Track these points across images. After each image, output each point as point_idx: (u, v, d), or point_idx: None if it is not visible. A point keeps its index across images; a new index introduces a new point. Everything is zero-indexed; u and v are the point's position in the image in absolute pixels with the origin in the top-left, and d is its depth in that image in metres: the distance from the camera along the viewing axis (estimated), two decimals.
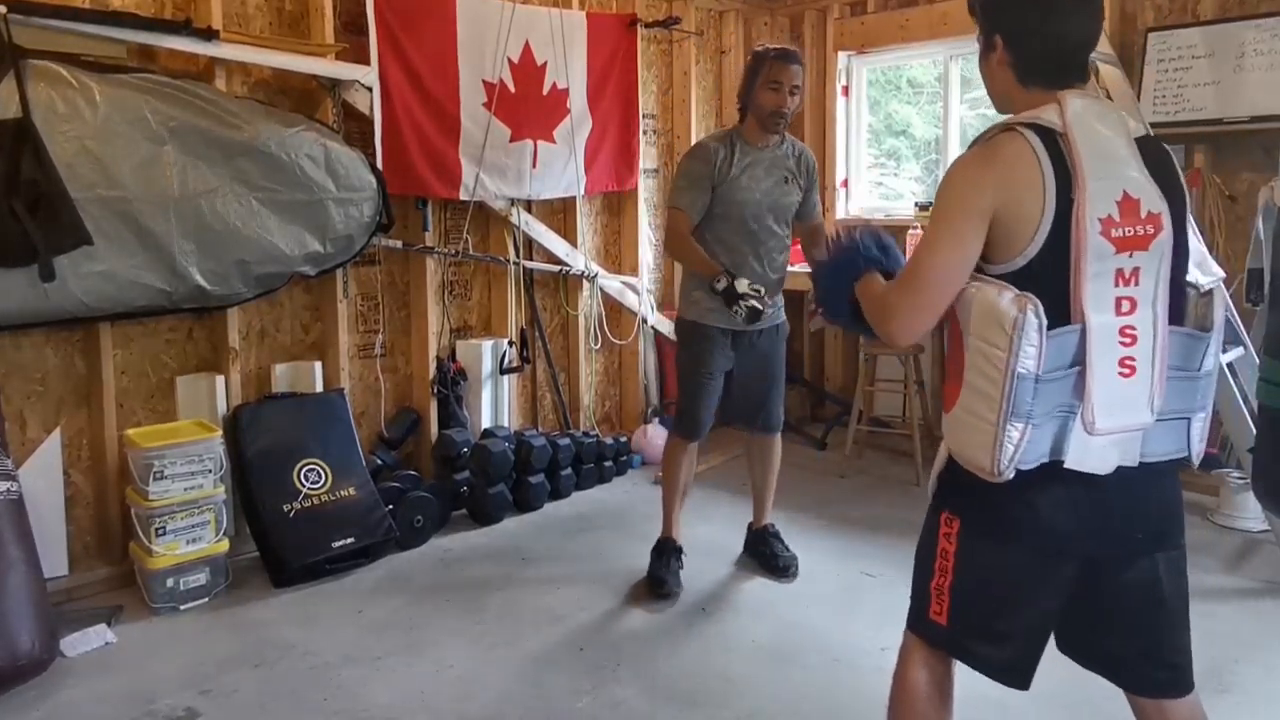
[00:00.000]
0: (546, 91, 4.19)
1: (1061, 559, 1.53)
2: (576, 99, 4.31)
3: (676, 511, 3.34)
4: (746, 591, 3.22)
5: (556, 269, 4.45)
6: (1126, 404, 1.44)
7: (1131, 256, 1.44)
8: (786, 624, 2.96)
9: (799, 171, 3.21)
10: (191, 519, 3.10)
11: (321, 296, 3.71)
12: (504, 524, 3.86)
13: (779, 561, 3.32)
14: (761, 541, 3.40)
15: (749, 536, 3.47)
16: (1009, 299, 1.41)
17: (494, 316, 4.31)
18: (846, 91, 5.32)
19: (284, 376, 3.60)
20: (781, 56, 3.06)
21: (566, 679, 2.64)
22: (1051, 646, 1.65)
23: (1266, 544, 3.53)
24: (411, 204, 3.89)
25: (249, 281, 3.27)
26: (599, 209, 4.76)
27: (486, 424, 4.14)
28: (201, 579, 3.11)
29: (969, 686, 1.75)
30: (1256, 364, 2.99)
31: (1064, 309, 1.43)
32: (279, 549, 3.23)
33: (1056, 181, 1.43)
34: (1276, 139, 3.77)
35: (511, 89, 4.04)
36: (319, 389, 3.65)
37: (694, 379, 3.23)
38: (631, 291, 4.75)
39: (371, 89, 3.56)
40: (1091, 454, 1.46)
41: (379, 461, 3.80)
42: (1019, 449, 1.43)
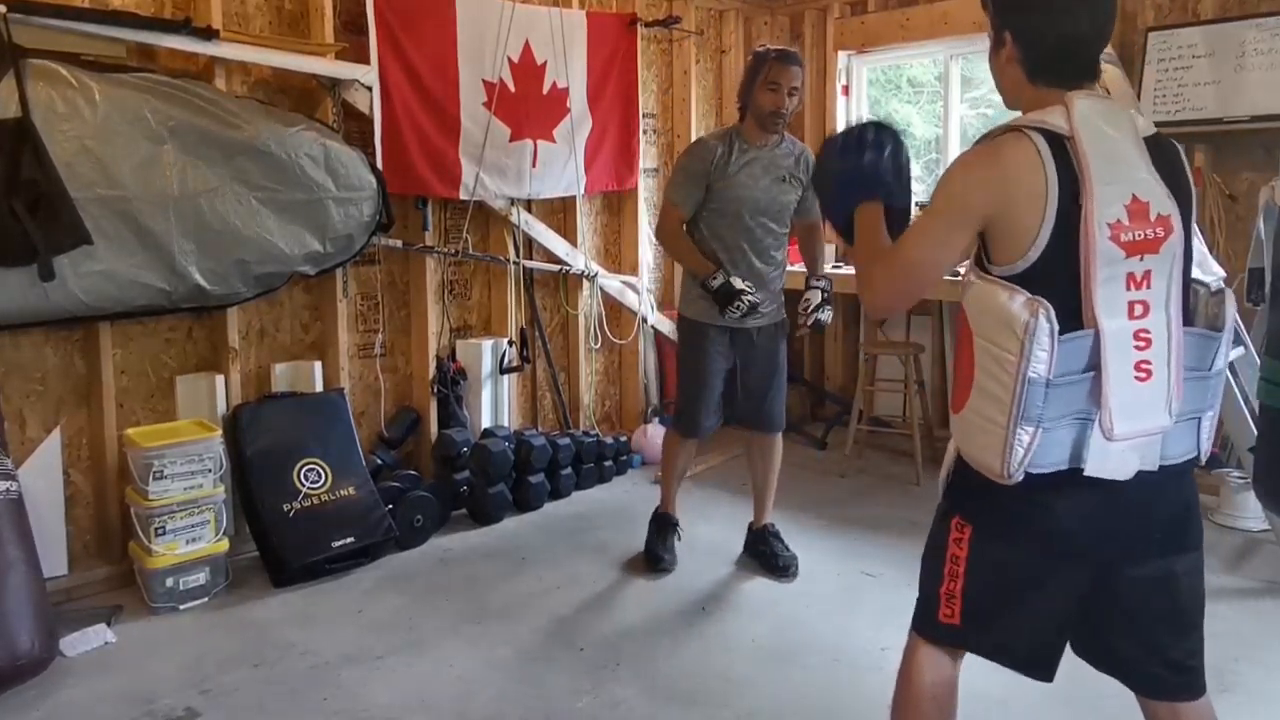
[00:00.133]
0: (546, 91, 4.19)
1: (1076, 560, 1.52)
2: (576, 98, 4.31)
3: (674, 490, 3.48)
4: (746, 591, 3.22)
5: (556, 268, 4.44)
6: (1144, 408, 1.43)
7: (1142, 260, 1.42)
8: (786, 624, 2.96)
9: (798, 170, 3.22)
10: (191, 519, 3.10)
11: (321, 296, 3.71)
12: (504, 524, 3.85)
13: (779, 561, 3.32)
14: (762, 541, 3.40)
15: (749, 536, 3.47)
16: (1020, 303, 1.40)
17: (494, 316, 4.31)
18: (847, 91, 5.31)
19: (284, 376, 3.60)
20: (781, 58, 3.08)
21: (566, 679, 2.64)
22: None
23: (1267, 543, 3.52)
24: (411, 203, 3.88)
25: (249, 281, 3.27)
26: (599, 208, 4.76)
27: (486, 424, 4.14)
28: (201, 579, 3.10)
29: (970, 686, 1.75)
30: (1257, 364, 2.99)
31: (1074, 313, 1.42)
32: (279, 549, 3.22)
33: (1060, 186, 1.41)
34: (1277, 138, 3.77)
35: (511, 88, 4.03)
36: (319, 389, 3.64)
37: (693, 378, 3.26)
38: (631, 291, 4.75)
39: (371, 88, 3.56)
40: (1111, 460, 1.44)
41: (379, 461, 3.80)
42: (1029, 452, 1.42)
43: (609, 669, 2.69)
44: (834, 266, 4.91)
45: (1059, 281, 1.42)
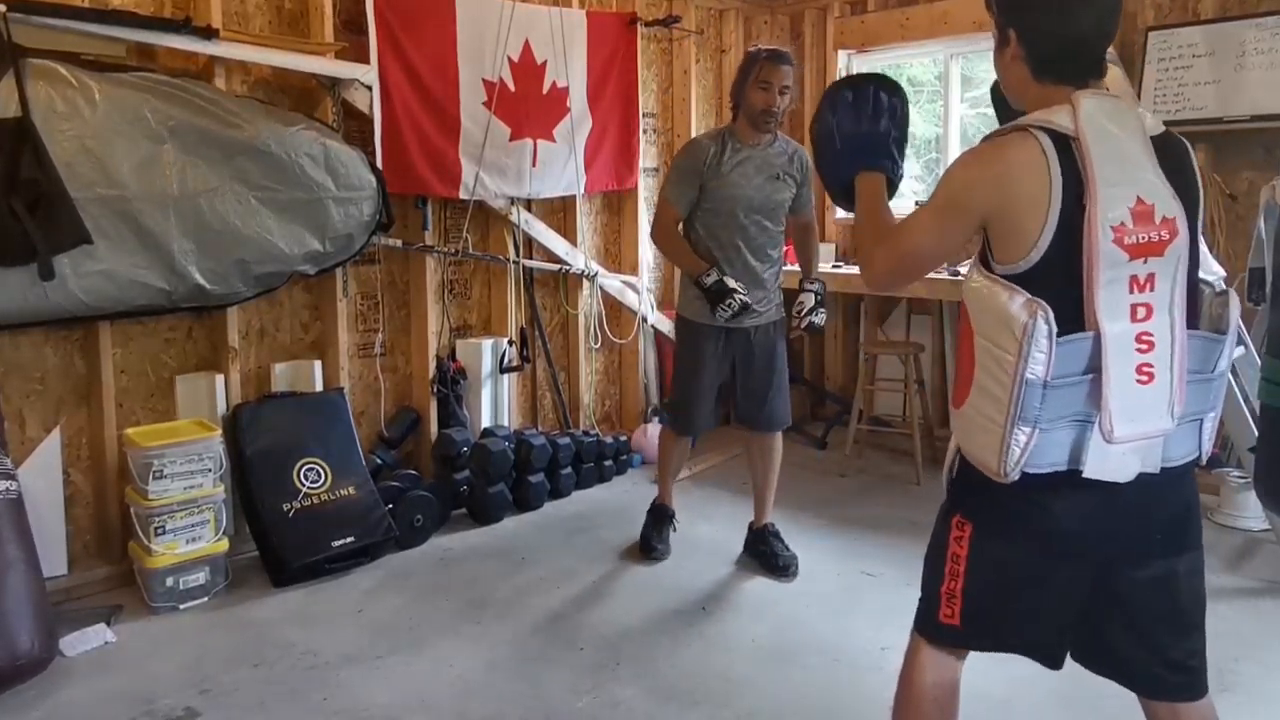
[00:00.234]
0: (546, 90, 4.19)
1: (1076, 560, 1.52)
2: (576, 98, 4.30)
3: (670, 484, 3.56)
4: (747, 591, 3.22)
5: (556, 268, 4.44)
6: (1146, 410, 1.42)
7: (1146, 262, 1.41)
8: (786, 624, 2.96)
9: (791, 168, 3.25)
10: (191, 518, 3.10)
11: (321, 296, 3.71)
12: (504, 523, 3.85)
13: (779, 561, 3.32)
14: (762, 541, 3.40)
15: (749, 536, 3.47)
16: (1019, 304, 1.39)
17: (494, 315, 4.31)
18: None
19: (284, 376, 3.60)
20: (772, 57, 3.12)
21: (566, 679, 2.63)
22: None
23: (1267, 543, 3.53)
24: (411, 203, 3.88)
25: (248, 280, 3.26)
26: (599, 208, 4.76)
27: (486, 423, 4.14)
28: (201, 578, 3.10)
29: (972, 685, 1.74)
30: (1257, 364, 2.99)
31: (1076, 314, 1.41)
32: (279, 548, 3.22)
33: (1064, 187, 1.40)
34: (1277, 138, 3.77)
35: (511, 88, 4.03)
36: (319, 388, 3.64)
37: (688, 377, 3.31)
38: (631, 290, 4.74)
39: (371, 88, 3.56)
40: (1111, 462, 1.44)
41: (379, 461, 3.80)
42: (1025, 452, 1.42)
43: (609, 669, 2.69)
44: (834, 266, 4.92)
45: (1061, 282, 1.41)
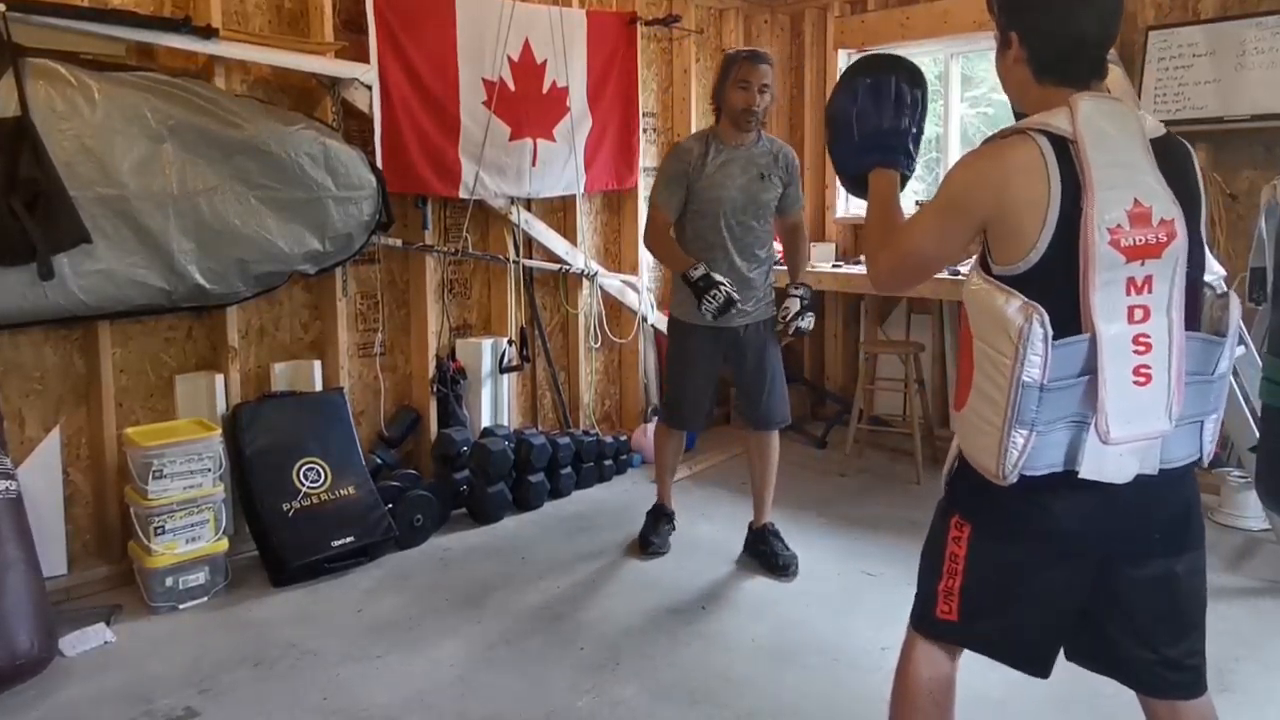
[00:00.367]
0: (546, 90, 4.18)
1: (1076, 560, 1.52)
2: (576, 97, 4.30)
3: (668, 483, 3.62)
4: (746, 591, 3.22)
5: (556, 267, 4.44)
6: (1143, 412, 1.42)
7: (1143, 265, 1.41)
8: (786, 623, 2.96)
9: (776, 168, 3.27)
10: (190, 518, 3.10)
11: (321, 295, 3.71)
12: (504, 523, 3.85)
13: (779, 560, 3.32)
14: (762, 540, 3.40)
15: (749, 535, 3.47)
16: (1015, 307, 1.40)
17: (494, 315, 4.31)
18: None
19: (283, 375, 3.60)
20: (751, 57, 3.18)
21: (566, 678, 2.63)
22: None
23: (1267, 543, 3.52)
24: (411, 202, 3.88)
25: (248, 280, 3.26)
26: (599, 207, 4.75)
27: (486, 423, 4.14)
28: (200, 578, 3.10)
29: (969, 686, 1.74)
30: (1258, 363, 2.99)
31: (1074, 316, 1.41)
32: (278, 548, 3.22)
33: (1063, 190, 1.40)
34: (1278, 137, 3.77)
35: (511, 87, 4.03)
36: (318, 388, 3.64)
37: (680, 375, 3.39)
38: (631, 290, 4.74)
39: (371, 87, 3.56)
40: (1108, 463, 1.44)
41: (378, 460, 3.79)
42: (1023, 454, 1.42)
43: (609, 668, 2.69)
44: (834, 266, 4.91)
45: (1059, 284, 1.41)
